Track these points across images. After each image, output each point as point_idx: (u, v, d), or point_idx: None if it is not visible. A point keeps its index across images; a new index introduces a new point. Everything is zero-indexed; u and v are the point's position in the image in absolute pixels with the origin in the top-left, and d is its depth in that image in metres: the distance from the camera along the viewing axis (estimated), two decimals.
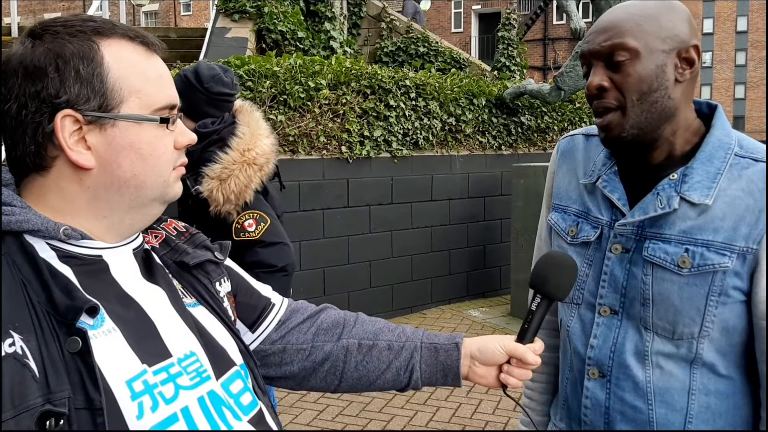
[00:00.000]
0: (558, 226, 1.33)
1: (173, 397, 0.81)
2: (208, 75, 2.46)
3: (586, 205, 1.28)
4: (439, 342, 1.12)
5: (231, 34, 6.87)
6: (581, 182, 1.30)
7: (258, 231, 2.39)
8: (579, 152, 1.34)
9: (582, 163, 1.32)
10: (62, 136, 0.81)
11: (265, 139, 2.47)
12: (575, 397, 1.29)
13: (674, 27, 1.14)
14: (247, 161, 2.36)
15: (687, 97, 1.18)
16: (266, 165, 2.44)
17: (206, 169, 2.34)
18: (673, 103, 1.16)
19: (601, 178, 1.25)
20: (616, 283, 1.20)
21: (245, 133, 2.41)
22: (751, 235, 1.09)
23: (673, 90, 1.15)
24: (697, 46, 1.16)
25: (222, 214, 2.34)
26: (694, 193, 1.13)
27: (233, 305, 1.07)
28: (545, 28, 28.53)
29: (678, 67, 1.15)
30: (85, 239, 0.84)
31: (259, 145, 2.41)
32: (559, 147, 1.40)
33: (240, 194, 2.34)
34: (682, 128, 1.19)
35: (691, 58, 1.15)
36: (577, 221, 1.29)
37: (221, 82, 2.47)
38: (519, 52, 9.27)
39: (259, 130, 2.47)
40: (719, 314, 1.11)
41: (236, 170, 2.33)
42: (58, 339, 0.74)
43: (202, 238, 1.04)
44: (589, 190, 1.28)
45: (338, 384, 1.14)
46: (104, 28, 0.85)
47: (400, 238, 5.77)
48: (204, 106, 2.46)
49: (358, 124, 5.35)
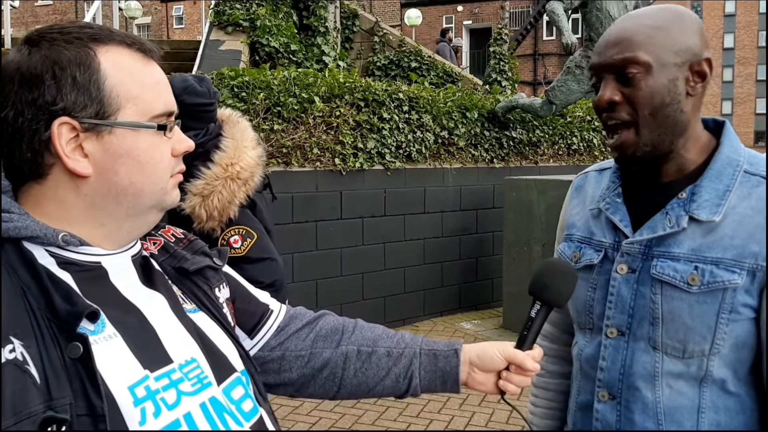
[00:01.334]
0: (564, 254, 1.32)
1: (176, 403, 0.81)
2: (181, 87, 2.34)
3: (590, 230, 1.28)
4: (438, 348, 1.12)
5: (224, 47, 6.89)
6: (588, 209, 1.30)
7: (244, 247, 2.32)
8: (590, 185, 1.35)
9: (590, 194, 1.32)
10: (59, 144, 0.80)
11: (251, 151, 2.37)
12: (586, 420, 1.27)
13: (686, 39, 1.13)
14: (231, 176, 2.27)
15: (697, 109, 1.17)
16: (251, 179, 2.35)
17: (188, 185, 2.24)
18: (685, 117, 1.15)
19: (604, 201, 1.25)
20: (623, 303, 1.19)
21: (228, 146, 2.32)
22: (761, 253, 1.07)
23: (685, 104, 1.14)
24: (709, 59, 1.14)
25: (206, 230, 2.27)
26: (702, 211, 1.12)
27: (232, 311, 1.07)
28: (535, 43, 28.76)
29: (690, 80, 1.14)
30: (83, 245, 0.83)
31: (243, 159, 2.32)
32: (573, 184, 1.41)
33: (223, 210, 2.26)
34: (692, 141, 1.18)
35: (703, 72, 1.14)
36: (580, 247, 1.29)
37: (195, 92, 2.36)
38: (510, 66, 9.34)
39: (244, 142, 2.37)
40: (730, 331, 1.10)
41: (219, 186, 2.25)
42: (59, 345, 0.74)
43: (200, 244, 1.04)
44: (594, 215, 1.28)
45: (337, 391, 1.13)
46: (101, 35, 0.84)
47: (393, 251, 5.77)
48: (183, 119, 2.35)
49: (351, 137, 5.36)
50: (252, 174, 2.34)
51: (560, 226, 1.42)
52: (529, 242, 5.47)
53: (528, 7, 25.54)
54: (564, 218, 1.40)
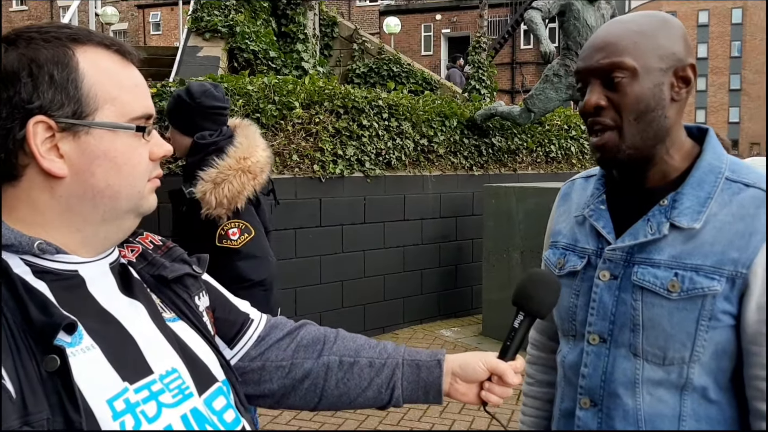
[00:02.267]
0: (549, 261, 1.33)
1: (156, 415, 0.79)
2: (200, 90, 2.55)
3: (574, 237, 1.28)
4: (420, 359, 1.11)
5: (203, 53, 6.84)
6: (573, 216, 1.31)
7: (240, 241, 2.44)
8: (576, 193, 1.35)
9: (575, 202, 1.33)
10: (34, 143, 0.78)
11: (262, 151, 2.57)
12: (568, 427, 1.27)
13: (671, 45, 1.14)
14: (243, 168, 2.43)
15: (680, 115, 1.18)
16: (261, 175, 2.52)
17: (202, 173, 2.41)
18: (668, 122, 1.15)
19: (588, 208, 1.26)
20: (605, 310, 1.19)
21: (242, 143, 2.50)
22: (741, 260, 1.07)
23: (669, 109, 1.15)
24: (693, 64, 1.15)
25: (213, 216, 2.40)
26: (683, 218, 1.12)
27: (212, 320, 1.05)
28: (513, 52, 28.98)
29: (674, 86, 1.14)
30: (60, 253, 0.81)
31: (255, 155, 2.52)
32: (560, 192, 1.41)
33: (233, 199, 2.40)
34: (675, 147, 1.18)
35: (688, 77, 1.15)
36: (564, 253, 1.29)
37: (212, 96, 2.56)
38: (489, 74, 9.39)
39: (256, 142, 2.57)
40: (710, 338, 1.10)
41: (231, 176, 2.41)
42: (35, 358, 0.71)
43: (179, 252, 1.02)
44: (579, 222, 1.29)
45: (318, 402, 1.11)
46: (80, 35, 0.83)
47: (373, 258, 5.75)
48: (199, 120, 2.54)
49: (331, 144, 5.35)
50: (262, 170, 2.52)
51: (547, 233, 1.42)
52: (509, 249, 5.49)
53: (506, 15, 25.74)
54: (551, 226, 1.41)
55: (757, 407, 1.09)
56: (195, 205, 2.43)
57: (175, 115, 2.61)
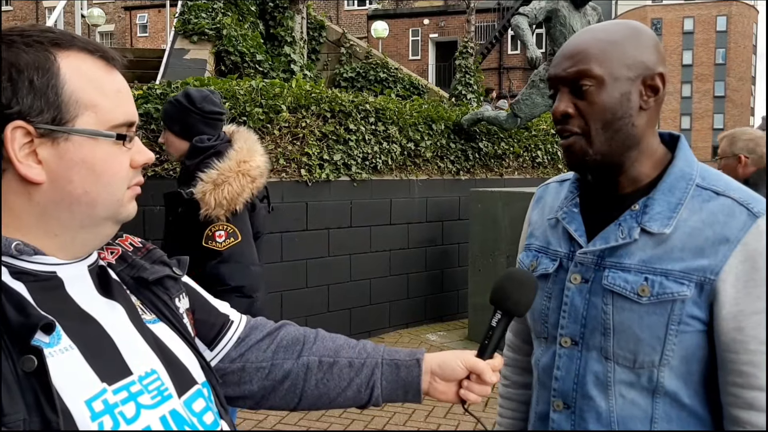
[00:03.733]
0: (522, 264, 1.34)
1: (135, 416, 0.79)
2: (199, 96, 2.62)
3: (547, 239, 1.30)
4: (400, 358, 1.12)
5: (189, 56, 6.82)
6: (547, 218, 1.32)
7: (224, 244, 2.47)
8: (549, 196, 1.36)
9: (549, 204, 1.34)
10: (12, 148, 0.77)
11: (260, 156, 2.61)
12: (544, 429, 1.28)
13: (640, 54, 1.15)
14: (242, 171, 2.48)
15: (651, 123, 1.19)
16: (259, 179, 2.56)
17: (202, 174, 2.46)
18: (636, 131, 1.16)
19: (561, 210, 1.27)
20: (576, 313, 1.20)
21: (242, 148, 2.56)
22: (710, 266, 1.08)
23: (638, 117, 1.16)
24: (662, 73, 1.16)
25: (211, 217, 2.44)
26: (654, 223, 1.13)
27: (192, 322, 1.04)
28: (500, 57, 29.13)
29: (643, 94, 1.15)
30: (38, 255, 0.81)
31: (254, 159, 2.55)
32: (534, 195, 1.42)
33: (232, 201, 2.44)
34: (646, 155, 1.19)
35: (656, 86, 1.16)
36: (537, 256, 1.30)
37: (212, 101, 2.64)
38: (476, 79, 9.44)
39: (255, 147, 2.62)
40: (679, 342, 1.11)
41: (231, 178, 2.44)
42: (12, 358, 0.70)
43: (159, 254, 1.01)
44: (552, 225, 1.30)
45: (298, 402, 1.12)
46: (62, 40, 0.82)
47: (359, 262, 5.75)
48: (199, 125, 2.61)
49: (317, 148, 5.35)
50: (261, 174, 2.56)
51: (522, 236, 1.43)
52: (494, 254, 5.51)
53: (493, 21, 25.86)
54: (525, 228, 1.42)
55: (733, 414, 1.10)
56: (193, 206, 2.45)
57: (173, 119, 2.65)
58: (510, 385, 1.49)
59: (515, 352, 1.49)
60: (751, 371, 1.07)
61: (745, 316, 1.07)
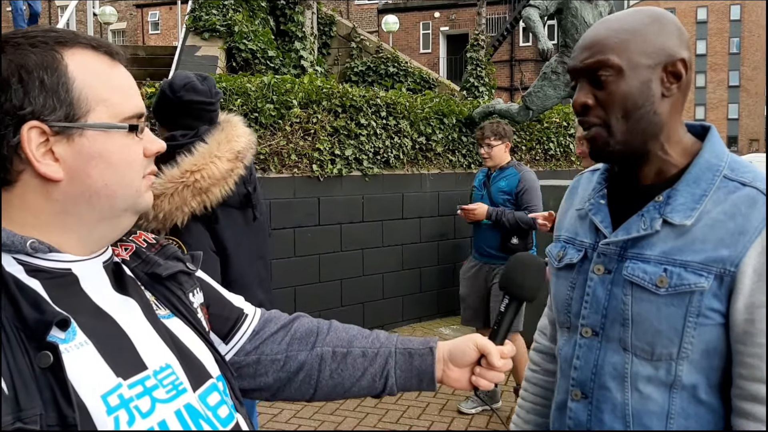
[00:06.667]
0: (550, 255, 1.35)
1: (150, 410, 0.79)
2: (180, 84, 2.29)
3: (575, 230, 1.30)
4: (413, 347, 1.12)
5: (201, 53, 6.84)
6: (576, 209, 1.32)
7: None
8: (581, 187, 1.37)
9: (580, 195, 1.34)
10: (29, 149, 0.78)
11: (223, 162, 2.18)
12: (561, 419, 1.28)
13: (660, 41, 1.13)
14: (186, 183, 2.12)
15: (675, 111, 1.17)
16: (213, 189, 2.17)
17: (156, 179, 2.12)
18: (659, 119, 1.15)
19: (589, 202, 1.27)
20: (597, 303, 1.20)
21: (198, 152, 2.17)
22: (730, 258, 1.07)
23: (660, 105, 1.14)
24: (684, 59, 1.14)
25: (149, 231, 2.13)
26: (676, 215, 1.12)
27: (206, 317, 1.05)
28: (512, 49, 28.97)
29: (664, 81, 1.14)
30: (53, 252, 0.82)
31: (208, 168, 2.15)
32: (569, 186, 1.43)
33: (170, 214, 2.12)
34: (671, 143, 1.18)
35: (678, 72, 1.14)
36: (564, 246, 1.31)
37: (194, 89, 2.29)
38: (487, 72, 9.40)
39: (219, 151, 2.20)
40: (698, 336, 1.10)
41: (170, 189, 2.11)
42: (28, 354, 0.72)
43: (172, 249, 1.02)
44: (581, 216, 1.30)
45: (313, 393, 1.13)
46: (66, 38, 0.83)
47: (371, 257, 5.76)
48: (178, 116, 2.28)
49: (329, 143, 5.35)
50: (213, 185, 2.16)
51: (555, 228, 1.44)
52: None
53: (504, 13, 25.72)
54: (558, 219, 1.43)
55: (738, 405, 1.09)
56: None
57: (158, 110, 2.37)
58: (538, 371, 1.49)
59: (549, 340, 1.49)
60: (756, 363, 1.06)
61: (756, 308, 1.06)
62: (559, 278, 1.30)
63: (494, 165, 4.21)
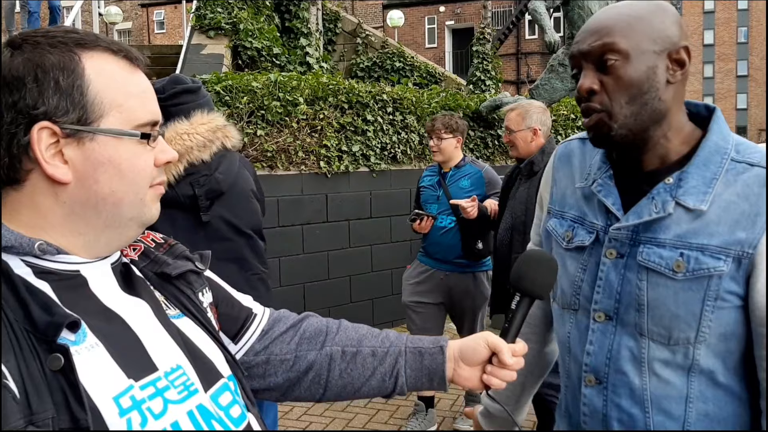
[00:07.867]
0: (556, 232, 1.32)
1: (162, 412, 0.79)
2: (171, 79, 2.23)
3: (582, 210, 1.27)
4: (423, 346, 1.11)
5: (206, 51, 6.84)
6: (577, 186, 1.29)
7: None
8: (575, 157, 1.34)
9: (578, 168, 1.31)
10: (38, 149, 0.78)
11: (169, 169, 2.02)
12: (575, 404, 1.27)
13: (665, 28, 1.13)
14: None
15: (678, 98, 1.17)
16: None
17: None
18: (664, 105, 1.15)
19: (596, 182, 1.24)
20: (610, 288, 1.19)
21: None
22: (747, 240, 1.07)
23: (665, 91, 1.14)
24: (686, 47, 1.15)
25: None
26: (689, 198, 1.11)
27: (216, 316, 1.05)
28: (518, 42, 28.86)
29: (669, 68, 1.14)
30: (61, 254, 0.81)
31: None
32: (556, 153, 1.39)
33: None
34: (673, 130, 1.17)
35: (682, 59, 1.14)
36: (573, 226, 1.28)
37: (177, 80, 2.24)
38: (494, 65, 9.36)
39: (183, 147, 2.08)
40: (716, 319, 1.09)
41: None
42: (39, 357, 0.71)
43: (181, 249, 1.02)
44: (585, 194, 1.27)
45: (323, 393, 1.12)
46: (86, 41, 0.82)
47: (380, 252, 5.76)
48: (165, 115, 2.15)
49: (336, 139, 5.34)
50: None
51: (545, 196, 1.39)
52: None
53: (510, 6, 25.63)
54: (547, 190, 1.38)
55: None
56: None
57: None
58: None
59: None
60: None
61: None
62: (568, 259, 1.27)
63: (443, 160, 3.94)
